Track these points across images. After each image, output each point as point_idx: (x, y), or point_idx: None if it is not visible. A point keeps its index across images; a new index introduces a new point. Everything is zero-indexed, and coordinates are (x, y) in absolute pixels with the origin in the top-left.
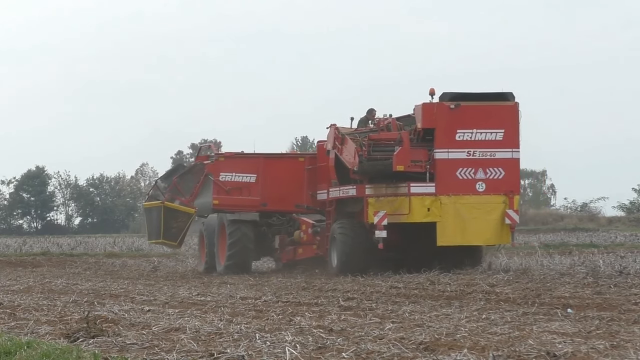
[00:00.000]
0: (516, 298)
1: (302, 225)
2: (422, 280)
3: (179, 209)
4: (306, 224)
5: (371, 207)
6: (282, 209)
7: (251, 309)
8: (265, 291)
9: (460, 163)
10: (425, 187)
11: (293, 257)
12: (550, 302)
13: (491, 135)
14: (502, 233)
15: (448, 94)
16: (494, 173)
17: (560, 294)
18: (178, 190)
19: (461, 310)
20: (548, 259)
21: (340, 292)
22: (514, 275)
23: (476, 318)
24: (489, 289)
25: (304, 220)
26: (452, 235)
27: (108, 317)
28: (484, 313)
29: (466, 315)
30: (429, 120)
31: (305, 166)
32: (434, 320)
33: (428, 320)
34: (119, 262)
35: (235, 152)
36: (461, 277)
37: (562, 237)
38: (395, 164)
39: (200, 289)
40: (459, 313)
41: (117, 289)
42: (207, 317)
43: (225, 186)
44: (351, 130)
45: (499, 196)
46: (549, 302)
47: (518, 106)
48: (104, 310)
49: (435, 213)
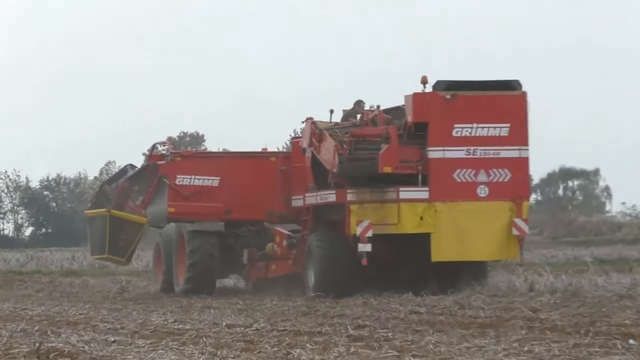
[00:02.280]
0: (565, 326)
1: (275, 236)
2: (449, 304)
3: (128, 218)
4: (280, 236)
5: (354, 215)
6: (250, 217)
7: (240, 339)
8: (257, 317)
9: (459, 163)
10: (417, 192)
11: (265, 274)
12: (608, 331)
13: (495, 131)
14: (508, 246)
15: (443, 82)
16: (498, 175)
17: (619, 321)
18: (127, 195)
19: (498, 342)
20: (603, 277)
21: (348, 318)
22: (561, 298)
23: (516, 351)
24: (531, 315)
25: (278, 231)
26: (449, 249)
27: (64, 350)
28: (525, 345)
29: (504, 348)
30: (421, 112)
31: (277, 167)
32: (464, 354)
33: (457, 354)
34: (78, 282)
35: (195, 150)
36: (497, 300)
37: (620, 250)
38: (382, 164)
39: (178, 315)
40: (495, 345)
41: (75, 315)
42: (186, 350)
43: (182, 191)
44: (330, 124)
45: (504, 202)
46: (606, 332)
47: (526, 96)
48: (59, 342)
49: (429, 222)
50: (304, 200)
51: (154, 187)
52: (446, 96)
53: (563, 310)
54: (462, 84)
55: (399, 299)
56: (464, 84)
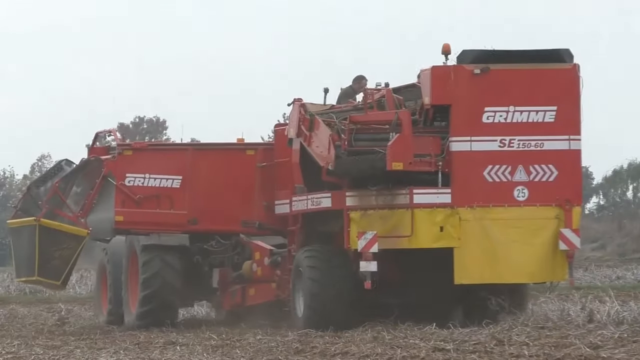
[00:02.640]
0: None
1: (254, 252)
2: (484, 339)
3: (63, 229)
4: (261, 251)
5: (354, 225)
6: (221, 227)
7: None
8: (236, 356)
9: (490, 158)
10: (437, 195)
11: (241, 301)
12: None
13: (537, 116)
14: (554, 265)
15: (471, 51)
16: (541, 173)
17: None
18: (61, 200)
19: None
20: None
21: (354, 357)
22: (629, 332)
23: None
24: (590, 354)
25: (257, 245)
26: (478, 268)
27: None
28: None
29: None
30: (442, 92)
31: (256, 163)
32: None
33: None
34: (4, 312)
35: (149, 141)
36: (545, 333)
37: None
38: (391, 159)
39: (134, 354)
40: None
41: (1, 355)
42: None
43: (134, 194)
44: (325, 108)
45: (549, 208)
46: None
47: (578, 70)
48: None
49: (451, 235)
50: (290, 206)
51: (96, 190)
52: (475, 70)
53: (631, 347)
54: (495, 55)
55: (419, 332)
56: (498, 55)
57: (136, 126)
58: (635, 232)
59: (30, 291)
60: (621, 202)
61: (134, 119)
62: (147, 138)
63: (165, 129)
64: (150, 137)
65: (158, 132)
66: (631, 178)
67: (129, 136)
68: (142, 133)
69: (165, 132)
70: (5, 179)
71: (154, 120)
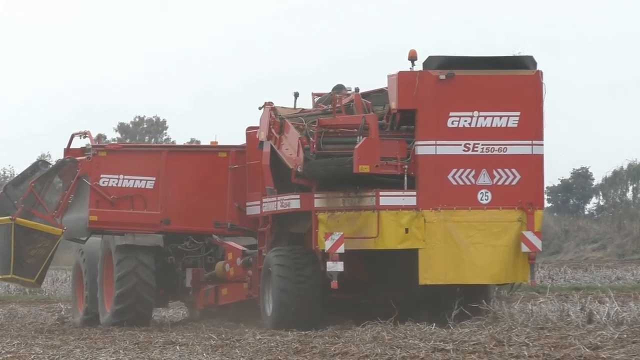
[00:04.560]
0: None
1: (227, 253)
2: (484, 339)
3: (38, 228)
4: (234, 252)
5: (322, 226)
6: (193, 228)
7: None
8: (235, 356)
9: (455, 161)
10: (402, 198)
11: (214, 301)
12: None
13: (501, 121)
14: (516, 267)
15: (436, 57)
16: (505, 177)
17: None
18: (37, 200)
19: None
20: None
21: (354, 357)
22: (629, 332)
23: None
24: (589, 354)
25: (230, 246)
26: (442, 269)
27: None
28: None
29: None
30: (408, 97)
31: (228, 164)
32: None
33: None
34: (4, 312)
35: (123, 143)
36: (545, 334)
37: None
38: (358, 162)
39: (134, 354)
40: None
41: (1, 354)
42: None
43: (108, 194)
44: (295, 112)
45: (512, 211)
46: None
47: (541, 76)
48: None
49: (416, 236)
50: (261, 207)
51: (71, 190)
52: (440, 76)
53: (631, 347)
54: (460, 61)
55: (419, 333)
56: (463, 61)
57: (136, 126)
58: (635, 233)
59: (30, 291)
60: (621, 202)
61: (134, 118)
62: (147, 138)
63: (166, 129)
64: (150, 137)
65: (158, 132)
66: (631, 179)
67: (129, 136)
68: (142, 133)
69: (166, 132)
70: (5, 179)
71: (153, 120)
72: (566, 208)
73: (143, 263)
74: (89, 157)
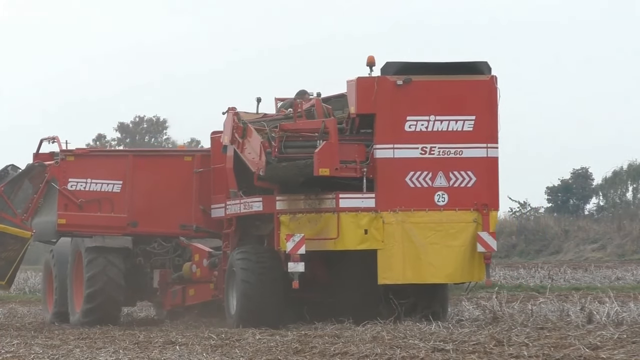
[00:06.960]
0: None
1: (194, 254)
2: (484, 339)
3: (8, 231)
4: (200, 254)
5: (284, 228)
6: (160, 230)
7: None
8: (235, 356)
9: (412, 164)
10: (361, 200)
11: (181, 301)
12: None
13: (456, 125)
14: (472, 266)
15: (394, 64)
16: (461, 179)
17: None
18: (6, 204)
19: None
20: None
21: (354, 357)
22: (629, 332)
23: None
24: (589, 354)
25: (197, 247)
26: (400, 269)
27: None
28: None
29: None
30: (367, 102)
31: (194, 168)
32: None
33: None
34: (4, 311)
35: (90, 147)
36: (544, 334)
37: None
38: (318, 165)
39: (133, 353)
40: None
41: (0, 353)
42: None
43: (76, 198)
44: (258, 117)
45: (468, 213)
46: None
47: (496, 81)
48: None
49: (375, 237)
50: (225, 210)
51: (40, 194)
52: (398, 81)
53: (630, 348)
54: (417, 67)
55: (419, 333)
56: (420, 67)
57: (136, 126)
58: (634, 233)
59: (29, 290)
60: (621, 203)
61: (134, 118)
62: (147, 138)
63: (166, 129)
64: (150, 137)
65: (158, 132)
66: (631, 179)
67: (129, 136)
68: (142, 133)
69: (166, 132)
70: None
71: (153, 120)
72: (566, 208)
73: (112, 263)
74: (57, 162)
